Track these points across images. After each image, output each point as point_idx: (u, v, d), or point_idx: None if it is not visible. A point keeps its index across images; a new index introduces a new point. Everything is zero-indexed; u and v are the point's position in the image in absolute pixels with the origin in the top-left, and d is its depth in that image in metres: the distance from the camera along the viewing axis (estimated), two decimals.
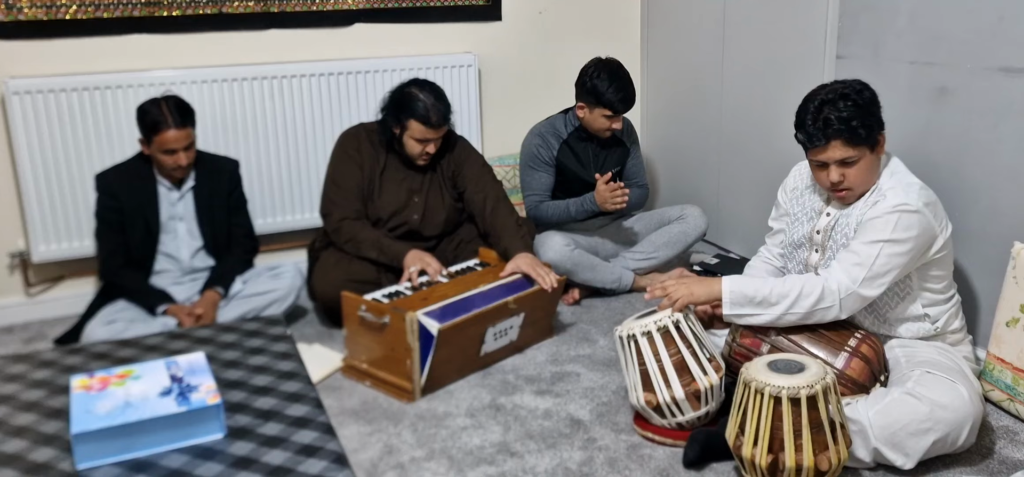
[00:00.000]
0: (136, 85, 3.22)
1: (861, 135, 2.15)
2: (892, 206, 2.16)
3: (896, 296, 2.29)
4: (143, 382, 1.51)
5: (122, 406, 1.43)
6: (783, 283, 2.24)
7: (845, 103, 2.16)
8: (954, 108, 2.56)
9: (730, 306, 2.26)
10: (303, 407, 1.54)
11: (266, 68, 3.41)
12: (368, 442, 2.37)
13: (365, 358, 2.70)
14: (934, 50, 2.60)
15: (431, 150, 3.04)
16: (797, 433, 1.94)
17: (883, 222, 2.16)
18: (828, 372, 1.99)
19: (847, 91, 2.19)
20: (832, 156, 2.19)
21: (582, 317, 3.24)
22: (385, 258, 3.00)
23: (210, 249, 3.08)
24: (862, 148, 2.17)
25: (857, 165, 2.19)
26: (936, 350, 2.27)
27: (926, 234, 2.18)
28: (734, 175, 3.66)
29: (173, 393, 1.47)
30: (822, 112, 2.17)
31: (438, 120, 2.97)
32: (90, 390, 1.48)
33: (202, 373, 1.53)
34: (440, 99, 3.00)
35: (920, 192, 2.19)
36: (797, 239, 2.44)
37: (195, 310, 2.89)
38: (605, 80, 3.21)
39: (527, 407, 2.55)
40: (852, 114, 2.15)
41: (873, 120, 2.18)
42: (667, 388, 2.26)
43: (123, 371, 1.55)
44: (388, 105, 3.05)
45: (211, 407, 1.43)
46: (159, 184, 2.98)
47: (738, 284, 2.27)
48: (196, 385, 1.49)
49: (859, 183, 2.23)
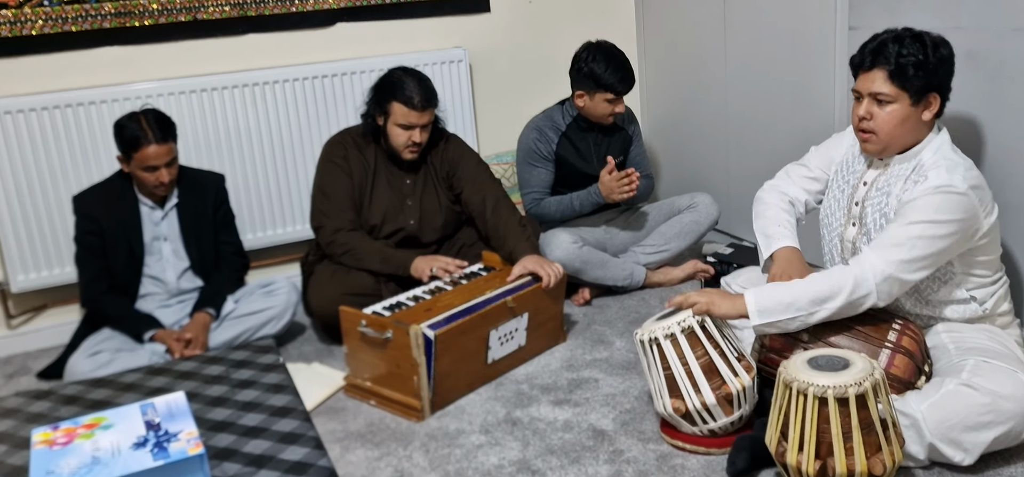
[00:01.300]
0: (111, 100, 3.09)
1: (908, 75, 2.03)
2: (934, 186, 2.00)
3: (938, 280, 2.13)
4: (114, 432, 1.32)
5: (89, 463, 1.24)
6: (809, 283, 2.07)
7: (915, 43, 2.05)
8: (982, 73, 2.39)
9: (758, 315, 2.08)
10: (301, 449, 1.35)
11: (247, 75, 3.28)
12: (377, 467, 2.22)
13: (368, 376, 2.56)
14: (958, 12, 2.43)
15: (417, 138, 2.88)
16: (847, 436, 1.77)
17: (923, 203, 2.00)
18: (876, 367, 1.81)
19: (924, 38, 2.06)
20: (870, 85, 2.08)
21: (595, 318, 3.08)
22: (389, 269, 2.84)
23: (198, 269, 2.94)
24: (902, 92, 2.04)
25: (889, 108, 2.06)
26: (986, 335, 2.10)
27: (970, 219, 2.01)
28: (744, 158, 3.49)
29: (149, 443, 1.28)
30: (885, 41, 2.07)
31: (421, 101, 2.83)
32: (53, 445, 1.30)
33: (182, 417, 1.35)
34: (423, 82, 2.87)
35: (966, 173, 2.03)
36: (834, 212, 2.29)
37: (185, 334, 2.76)
38: (602, 62, 3.07)
39: (545, 419, 2.39)
40: (913, 54, 2.03)
41: (932, 74, 2.04)
42: (696, 393, 2.09)
43: (91, 420, 1.36)
44: (370, 96, 2.93)
45: (193, 458, 1.25)
46: (141, 203, 2.83)
47: (762, 294, 2.09)
48: (175, 432, 1.30)
49: (885, 131, 2.08)
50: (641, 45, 3.96)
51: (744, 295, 2.10)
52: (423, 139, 2.91)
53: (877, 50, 2.07)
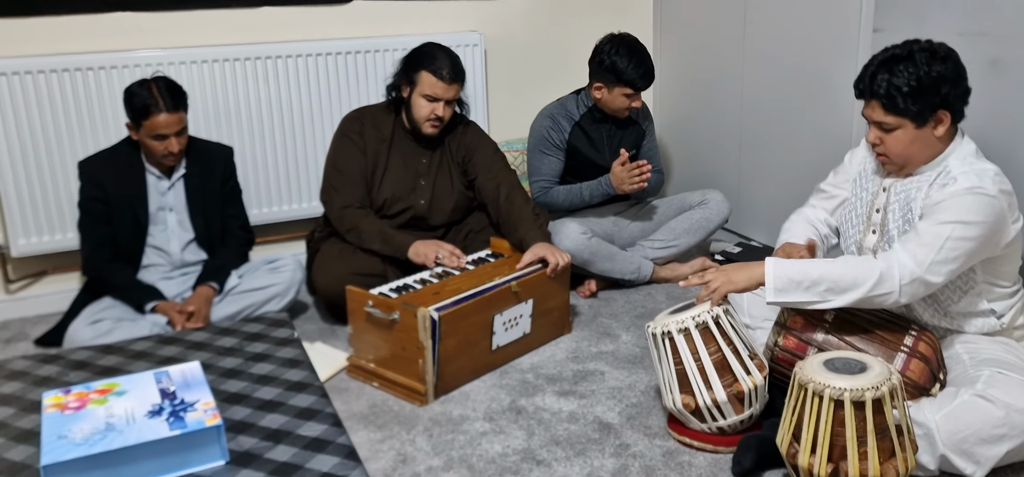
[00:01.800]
0: (120, 66, 3.05)
1: (899, 106, 1.99)
2: (965, 188, 1.97)
3: (959, 290, 2.11)
4: (128, 399, 1.29)
5: (103, 429, 1.21)
6: (834, 265, 2.03)
7: (906, 67, 1.99)
8: (1009, 81, 2.37)
9: (775, 292, 2.05)
10: (319, 425, 1.32)
11: (260, 48, 3.23)
12: (380, 450, 2.20)
13: (372, 357, 2.53)
14: (985, 19, 2.41)
15: (441, 113, 2.86)
16: (861, 440, 1.75)
17: (954, 204, 1.97)
18: (893, 372, 1.80)
19: (919, 55, 2.00)
20: (871, 115, 2.07)
21: (601, 311, 3.06)
22: (389, 250, 2.82)
23: (202, 242, 2.91)
24: (902, 119, 2.01)
25: (894, 133, 2.04)
26: (1002, 347, 2.08)
27: (998, 222, 1.99)
28: (756, 159, 3.47)
29: (164, 412, 1.25)
30: (880, 69, 2.03)
31: (450, 74, 2.82)
32: (65, 410, 1.27)
33: (198, 387, 1.32)
34: (454, 58, 2.86)
35: (995, 178, 2.00)
36: (854, 218, 2.26)
37: (187, 307, 2.72)
38: (624, 56, 3.04)
39: (550, 409, 2.37)
40: (904, 82, 1.98)
41: (929, 94, 1.99)
42: (707, 390, 2.07)
43: (104, 385, 1.33)
44: (399, 66, 2.92)
45: (210, 429, 1.22)
46: (148, 172, 2.80)
47: (783, 267, 2.06)
48: (191, 402, 1.27)
49: (897, 154, 2.06)
50: (658, 38, 3.93)
51: (764, 264, 2.06)
52: (446, 114, 2.88)
53: (869, 80, 2.04)
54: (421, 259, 2.78)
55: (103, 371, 1.57)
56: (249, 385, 1.48)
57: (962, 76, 2.04)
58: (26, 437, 1.36)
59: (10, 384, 1.53)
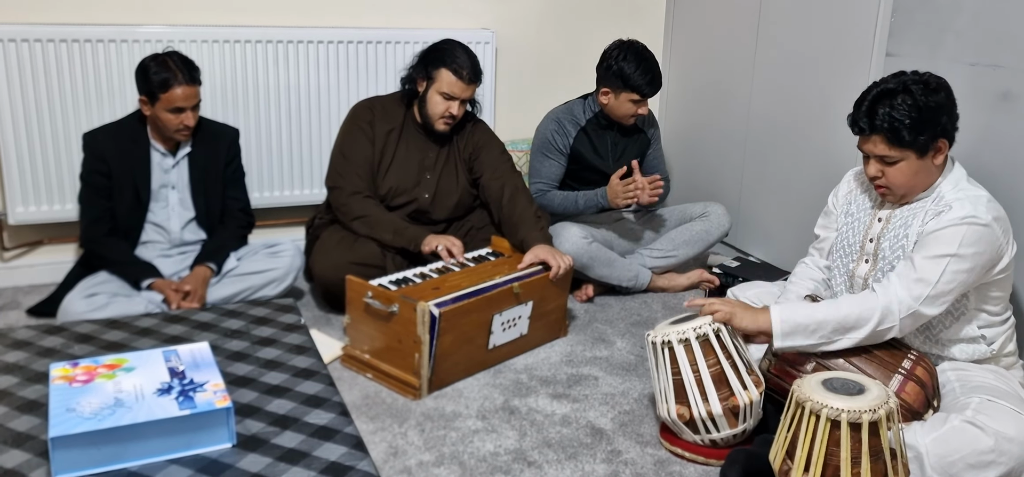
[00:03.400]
0: (130, 40, 3.03)
1: (904, 138, 2.01)
2: (959, 218, 2.00)
3: (951, 316, 2.13)
4: (137, 375, 1.29)
5: (112, 405, 1.20)
6: (837, 306, 2.06)
7: (904, 100, 2.00)
8: (1020, 114, 2.39)
9: (782, 337, 2.08)
10: (326, 413, 1.32)
11: (270, 31, 3.22)
12: (371, 441, 2.20)
13: (368, 348, 2.53)
14: (999, 51, 2.43)
15: (454, 111, 2.86)
16: (855, 461, 1.76)
17: (949, 234, 1.99)
18: (890, 395, 1.81)
19: (914, 87, 2.02)
20: (873, 150, 2.08)
21: (597, 316, 3.07)
22: (401, 241, 2.82)
23: (202, 221, 2.90)
24: (906, 151, 2.03)
25: (897, 166, 2.05)
26: (992, 375, 2.10)
27: (993, 251, 2.01)
28: (760, 175, 3.48)
29: (173, 391, 1.24)
30: (877, 103, 2.03)
31: (470, 75, 2.83)
32: (73, 382, 1.26)
33: (207, 367, 1.31)
34: (473, 58, 2.87)
35: (988, 205, 2.03)
36: (846, 247, 2.28)
37: (183, 286, 2.72)
38: (632, 62, 3.05)
39: (543, 411, 2.38)
40: (905, 114, 1.99)
41: (930, 125, 2.01)
42: (704, 402, 2.08)
43: (113, 360, 1.32)
44: (417, 59, 2.92)
45: (219, 411, 1.21)
46: (152, 149, 2.79)
47: (789, 312, 2.08)
48: (201, 382, 1.27)
49: (900, 185, 2.08)
50: (668, 47, 3.94)
51: (769, 311, 2.08)
52: (459, 113, 2.89)
53: (869, 114, 2.04)
54: (430, 250, 2.78)
55: (108, 346, 1.56)
56: (256, 369, 1.48)
57: (955, 104, 2.07)
58: (30, 407, 1.35)
59: (13, 353, 1.52)
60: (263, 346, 1.56)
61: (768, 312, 2.08)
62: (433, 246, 2.78)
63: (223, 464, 1.20)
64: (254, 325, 1.64)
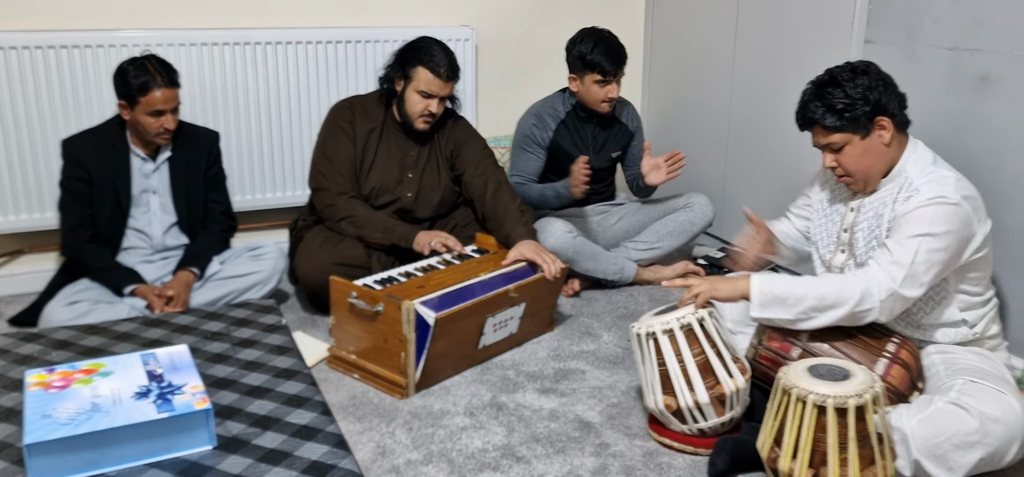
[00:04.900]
0: (107, 45, 3.00)
1: (839, 123, 2.08)
2: (928, 199, 2.02)
3: (931, 300, 2.14)
4: (115, 380, 1.27)
5: (88, 410, 1.19)
6: (819, 283, 2.07)
7: (833, 90, 2.08)
8: (997, 98, 2.41)
9: (760, 307, 2.09)
10: (308, 413, 1.31)
11: (248, 33, 3.20)
12: (359, 442, 2.19)
13: (354, 348, 2.52)
14: (976, 35, 2.44)
15: (433, 109, 2.85)
16: (842, 446, 1.77)
17: (919, 216, 2.02)
18: (876, 380, 1.82)
19: (841, 75, 2.10)
20: (819, 141, 2.15)
21: (583, 310, 3.07)
22: (391, 239, 2.81)
23: (184, 226, 2.88)
24: (847, 134, 2.09)
25: (846, 151, 2.11)
26: (976, 356, 2.11)
27: (965, 228, 2.03)
28: (742, 165, 3.49)
29: (151, 394, 1.23)
30: (810, 98, 2.13)
31: (447, 73, 2.82)
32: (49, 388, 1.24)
33: (186, 370, 1.30)
34: (450, 55, 2.86)
35: (957, 184, 2.05)
36: (824, 239, 2.30)
37: (166, 291, 2.70)
38: (589, 42, 3.10)
39: (531, 407, 2.37)
40: (835, 101, 2.07)
41: (861, 104, 2.06)
42: (690, 391, 2.08)
43: (90, 365, 1.31)
44: (394, 59, 2.91)
45: (198, 413, 1.20)
46: (132, 154, 2.77)
47: (769, 283, 2.09)
48: (179, 385, 1.26)
49: (856, 169, 2.12)
50: (648, 39, 3.95)
51: (750, 279, 2.09)
52: (439, 111, 2.88)
53: (804, 110, 2.14)
54: (421, 247, 2.77)
55: (86, 351, 1.54)
56: (237, 370, 1.46)
57: (888, 82, 2.11)
58: (7, 415, 1.34)
59: None
60: (244, 347, 1.55)
61: (748, 279, 2.10)
62: (425, 243, 2.77)
63: (204, 466, 1.19)
64: (235, 327, 1.63)
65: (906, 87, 2.16)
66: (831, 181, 2.33)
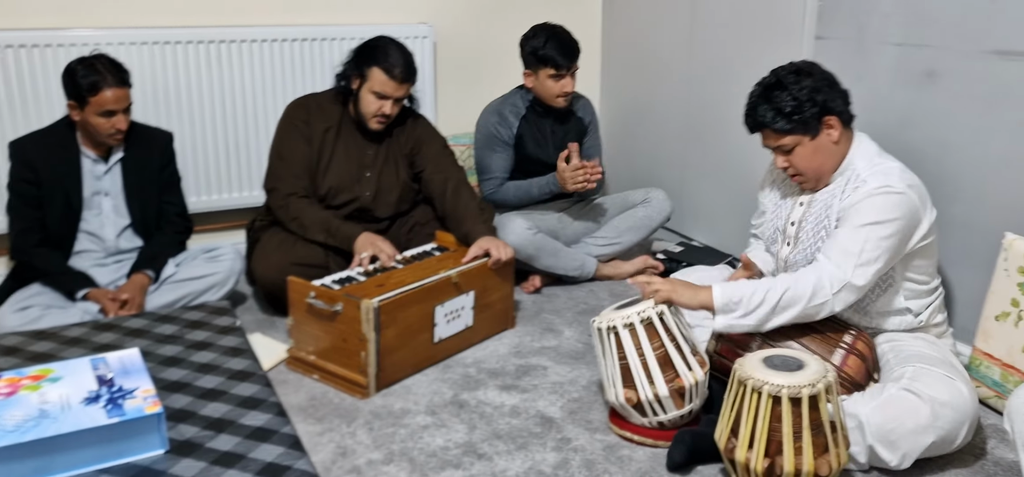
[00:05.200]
0: (54, 45, 2.94)
1: (788, 126, 2.12)
2: (874, 189, 2.07)
3: (878, 288, 2.20)
4: (63, 385, 1.25)
5: (36, 416, 1.16)
6: (774, 286, 2.10)
7: (780, 93, 2.12)
8: (943, 92, 2.47)
9: (722, 314, 2.10)
10: (262, 414, 1.29)
11: (201, 32, 3.16)
12: (319, 443, 2.17)
13: (313, 349, 2.50)
14: (923, 32, 2.50)
15: (388, 110, 2.83)
16: (797, 435, 1.80)
17: (867, 206, 2.07)
18: (829, 369, 1.85)
19: (786, 77, 2.13)
20: (769, 144, 2.19)
21: (544, 307, 3.08)
22: (333, 241, 2.78)
23: (138, 229, 2.84)
24: (797, 136, 2.13)
25: (796, 152, 2.15)
26: (925, 343, 2.17)
27: (911, 216, 2.08)
28: (700, 160, 3.53)
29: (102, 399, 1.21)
30: (757, 101, 2.17)
31: (402, 74, 2.79)
32: None
33: (137, 373, 1.28)
34: (407, 56, 2.83)
35: (901, 174, 2.11)
36: (771, 233, 2.35)
37: (120, 295, 2.65)
38: (541, 37, 3.12)
39: (492, 403, 2.38)
40: (783, 104, 2.11)
41: (809, 106, 2.10)
42: (650, 385, 2.10)
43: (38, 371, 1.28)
44: (351, 57, 2.88)
45: (150, 417, 1.18)
46: (83, 155, 2.71)
47: (728, 291, 2.11)
48: (130, 389, 1.24)
49: (807, 168, 2.17)
50: (606, 35, 3.97)
51: (711, 289, 2.11)
52: (393, 112, 2.86)
53: (751, 114, 2.18)
54: (356, 253, 2.72)
55: (35, 357, 1.51)
56: (190, 373, 1.44)
57: (832, 82, 2.15)
58: None
59: None
60: (197, 350, 1.52)
61: (709, 291, 2.11)
62: (361, 253, 2.72)
63: (156, 471, 1.17)
64: (188, 329, 1.60)
65: (855, 82, 2.21)
66: (781, 177, 2.36)
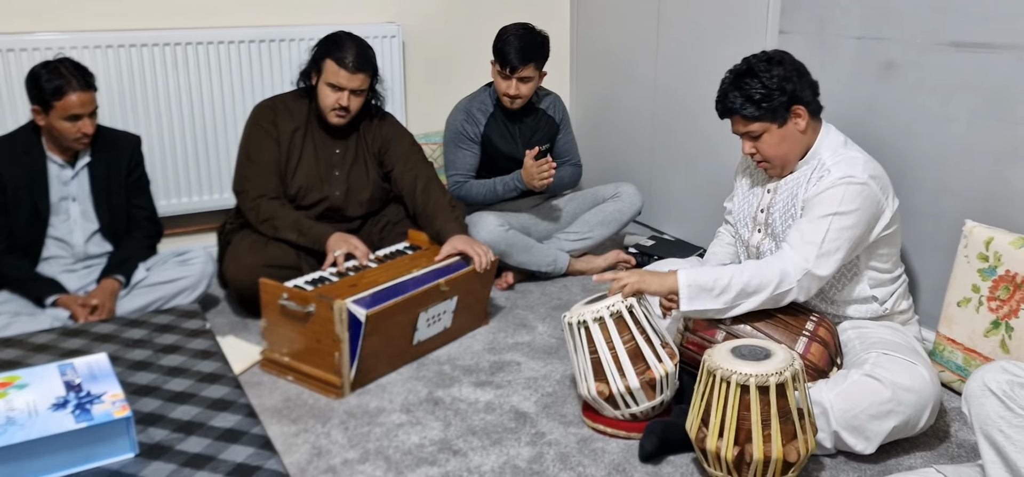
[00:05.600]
0: (18, 49, 2.91)
1: (757, 113, 2.16)
2: (837, 179, 2.12)
3: (843, 277, 2.25)
4: (31, 391, 1.24)
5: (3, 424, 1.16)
6: (740, 271, 2.14)
7: (751, 81, 2.16)
8: (902, 84, 2.52)
9: (688, 301, 2.14)
10: (232, 416, 1.30)
11: (168, 34, 3.13)
12: (294, 444, 2.17)
13: (287, 351, 2.49)
14: (882, 25, 2.54)
15: (345, 103, 2.82)
16: (766, 423, 1.83)
17: (829, 196, 2.11)
18: (795, 358, 1.89)
19: (758, 65, 2.17)
20: (738, 130, 2.23)
21: (518, 302, 3.09)
22: (305, 241, 2.77)
23: (107, 233, 2.81)
24: (765, 123, 2.17)
25: (763, 139, 2.20)
26: (888, 330, 2.22)
27: (874, 206, 2.13)
28: (668, 154, 3.56)
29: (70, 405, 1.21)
30: (729, 88, 2.20)
31: (354, 63, 2.77)
32: None
33: (106, 378, 1.28)
34: (361, 46, 2.82)
35: (865, 164, 2.15)
36: (743, 219, 2.39)
37: (90, 300, 2.63)
38: (501, 35, 3.13)
39: (467, 400, 2.39)
40: (753, 91, 2.14)
41: (778, 94, 2.14)
42: (621, 377, 2.12)
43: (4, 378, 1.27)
44: (310, 54, 2.88)
45: (118, 421, 1.18)
46: (49, 160, 2.68)
47: (695, 276, 2.15)
48: (98, 394, 1.23)
49: (773, 156, 2.21)
50: (574, 32, 3.99)
51: (677, 274, 2.14)
52: (351, 105, 2.84)
53: (723, 100, 2.22)
54: (330, 254, 2.72)
55: (1, 365, 1.50)
56: (159, 377, 1.44)
57: (802, 72, 2.20)
58: None
59: None
60: (166, 353, 1.52)
61: (675, 275, 2.15)
62: (334, 252, 2.72)
63: (125, 475, 1.17)
64: (157, 333, 1.60)
65: (818, 74, 2.24)
66: (751, 166, 2.40)
